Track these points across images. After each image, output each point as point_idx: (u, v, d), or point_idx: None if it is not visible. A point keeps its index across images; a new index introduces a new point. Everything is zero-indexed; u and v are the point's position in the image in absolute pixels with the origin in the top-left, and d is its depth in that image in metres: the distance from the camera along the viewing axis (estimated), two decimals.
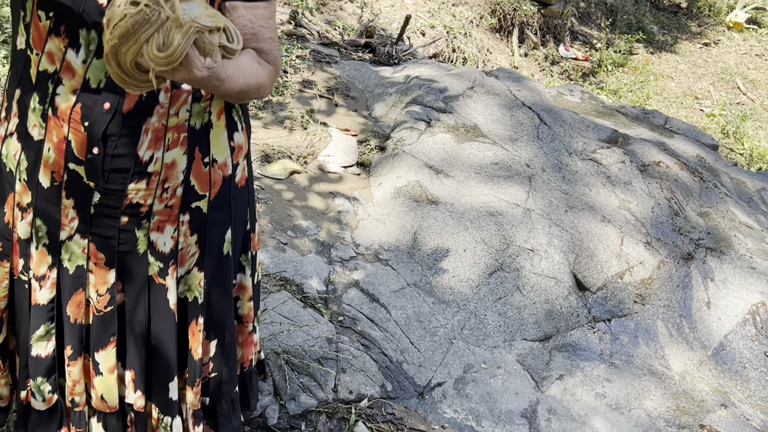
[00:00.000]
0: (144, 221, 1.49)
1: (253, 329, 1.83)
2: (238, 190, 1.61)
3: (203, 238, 1.57)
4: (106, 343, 1.55)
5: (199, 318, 1.63)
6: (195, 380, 1.68)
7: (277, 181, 3.45)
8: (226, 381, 1.76)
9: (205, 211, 1.54)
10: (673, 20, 9.36)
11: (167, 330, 1.59)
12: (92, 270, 1.50)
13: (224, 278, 1.66)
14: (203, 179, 1.52)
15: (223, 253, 1.63)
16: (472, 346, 2.90)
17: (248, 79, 1.39)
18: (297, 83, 4.35)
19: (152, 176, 1.45)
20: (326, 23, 5.71)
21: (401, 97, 4.26)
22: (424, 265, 3.09)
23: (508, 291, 3.07)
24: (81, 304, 1.53)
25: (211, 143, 1.50)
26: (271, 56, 1.50)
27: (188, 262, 1.58)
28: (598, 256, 3.30)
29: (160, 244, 1.53)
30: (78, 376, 1.57)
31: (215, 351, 1.71)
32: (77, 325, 1.54)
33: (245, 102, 1.52)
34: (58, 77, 1.36)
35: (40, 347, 1.55)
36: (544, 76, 7.52)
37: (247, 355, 1.85)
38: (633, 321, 3.23)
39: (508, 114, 4.00)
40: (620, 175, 3.76)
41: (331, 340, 2.65)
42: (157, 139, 1.42)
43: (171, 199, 1.49)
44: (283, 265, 2.92)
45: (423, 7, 6.92)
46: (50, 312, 1.53)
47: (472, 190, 3.41)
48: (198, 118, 1.47)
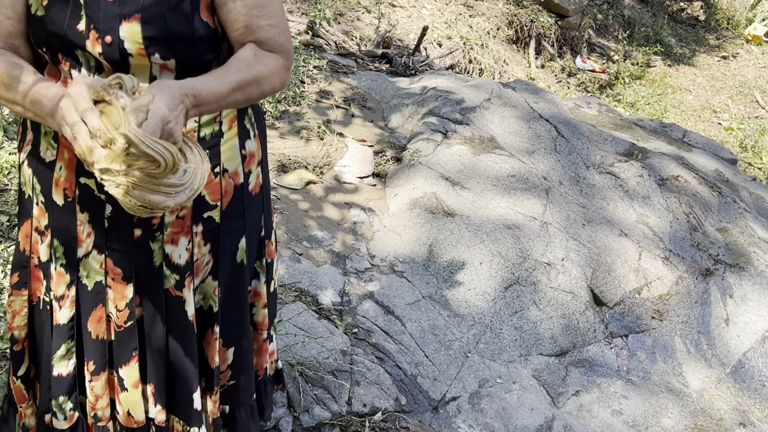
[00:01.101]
0: (157, 233, 1.49)
1: (268, 338, 1.82)
2: (252, 198, 1.60)
3: (216, 248, 1.57)
4: (128, 359, 1.55)
5: (215, 327, 1.63)
6: (213, 389, 1.67)
7: (293, 191, 3.45)
8: (244, 388, 1.76)
9: (217, 220, 1.54)
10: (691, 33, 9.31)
11: (188, 342, 1.59)
12: (110, 285, 1.51)
13: (239, 286, 1.66)
14: (214, 189, 1.51)
15: (237, 261, 1.62)
16: (488, 361, 2.87)
17: (232, 85, 1.33)
18: (314, 93, 4.35)
19: None
20: (343, 33, 5.72)
21: (418, 108, 4.25)
22: (439, 277, 3.07)
23: (525, 305, 3.04)
24: (102, 319, 1.53)
25: (221, 153, 1.50)
26: (273, 44, 1.43)
27: (203, 272, 1.58)
28: (616, 270, 3.27)
29: (176, 256, 1.52)
30: (101, 391, 1.57)
31: (233, 358, 1.70)
32: (99, 341, 1.54)
33: (255, 103, 1.48)
34: None
35: (61, 366, 1.55)
36: (561, 88, 7.49)
37: (261, 364, 1.85)
38: (650, 337, 3.19)
39: (526, 126, 3.98)
40: (638, 189, 3.73)
41: (346, 352, 2.64)
42: None
43: (182, 210, 1.49)
44: (299, 276, 2.91)
45: (440, 18, 6.92)
46: (70, 330, 1.53)
47: (489, 203, 3.39)
48: (208, 128, 1.46)
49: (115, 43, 1.32)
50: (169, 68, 1.38)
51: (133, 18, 1.31)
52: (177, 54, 1.35)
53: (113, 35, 1.31)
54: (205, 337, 1.65)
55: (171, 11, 1.32)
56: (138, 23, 1.31)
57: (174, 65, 1.37)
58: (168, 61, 1.35)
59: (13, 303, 1.58)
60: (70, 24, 1.33)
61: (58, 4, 1.33)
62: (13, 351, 1.61)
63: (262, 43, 1.40)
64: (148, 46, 1.32)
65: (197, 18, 1.36)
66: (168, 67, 1.37)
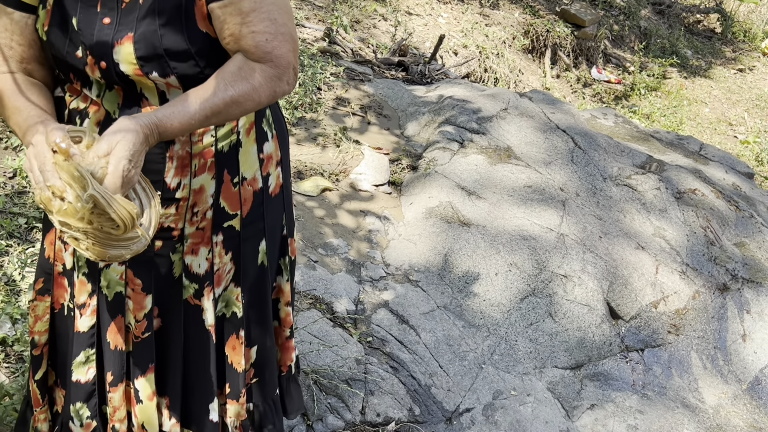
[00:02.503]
0: (178, 245, 1.49)
1: (290, 334, 1.82)
2: (272, 200, 1.59)
3: (238, 255, 1.56)
4: (144, 370, 1.55)
5: (240, 332, 1.63)
6: (239, 393, 1.67)
7: (308, 198, 3.44)
8: (268, 383, 1.75)
9: (237, 228, 1.53)
10: (707, 45, 9.27)
11: (205, 352, 1.58)
12: (130, 296, 1.50)
13: (262, 288, 1.66)
14: (233, 200, 1.50)
15: (258, 264, 1.62)
16: (502, 372, 2.85)
17: (205, 112, 1.29)
18: (330, 100, 4.35)
19: (180, 202, 1.44)
20: (360, 41, 5.72)
21: (434, 116, 4.25)
22: (454, 287, 3.06)
23: (540, 317, 3.02)
24: (121, 330, 1.52)
25: (240, 162, 1.48)
26: (260, 52, 1.32)
27: (225, 280, 1.58)
28: (633, 284, 3.24)
29: (195, 266, 1.52)
30: (119, 403, 1.57)
31: (256, 356, 1.71)
32: (117, 351, 1.53)
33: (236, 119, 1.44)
34: (86, 111, 1.39)
35: (80, 373, 1.55)
36: (576, 98, 7.47)
37: (285, 360, 1.85)
38: (667, 352, 3.17)
39: (542, 137, 3.96)
40: (655, 202, 3.71)
41: (360, 361, 2.62)
42: (183, 166, 1.41)
43: (202, 222, 1.49)
44: (314, 283, 2.90)
45: (456, 26, 6.92)
46: (91, 338, 1.53)
47: (505, 213, 3.37)
48: (225, 140, 1.45)
49: (110, 67, 1.30)
50: (174, 85, 1.34)
51: (125, 39, 1.28)
52: (176, 71, 1.32)
53: (107, 60, 1.29)
54: (230, 343, 1.64)
55: (164, 27, 1.29)
56: (130, 43, 1.28)
57: (177, 82, 1.33)
58: (168, 79, 1.32)
59: (37, 308, 1.58)
60: (69, 50, 1.33)
61: (55, 30, 1.33)
62: (32, 355, 1.61)
63: (249, 52, 1.33)
64: (143, 66, 1.29)
65: (194, 30, 1.32)
66: (172, 84, 1.34)
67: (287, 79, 1.36)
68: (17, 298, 2.46)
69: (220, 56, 1.37)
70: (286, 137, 1.63)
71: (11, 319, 2.36)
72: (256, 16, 1.31)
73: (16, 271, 2.52)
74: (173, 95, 1.35)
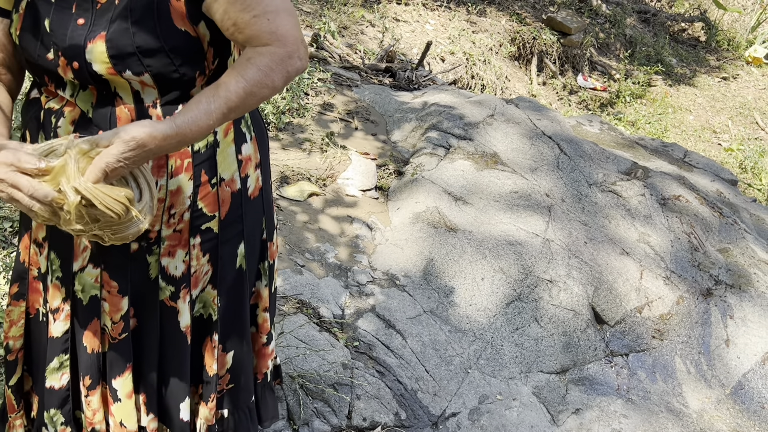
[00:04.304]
0: (154, 247, 1.48)
1: (268, 340, 1.81)
2: (251, 202, 1.58)
3: (215, 257, 1.55)
4: (122, 370, 1.54)
5: (213, 335, 1.61)
6: (210, 396, 1.66)
7: (295, 203, 3.44)
8: (242, 389, 1.74)
9: (216, 230, 1.52)
10: (692, 53, 9.36)
11: (179, 352, 1.57)
12: (106, 298, 1.49)
13: (239, 291, 1.64)
14: (211, 201, 1.49)
15: (237, 267, 1.61)
16: (488, 377, 2.86)
17: (221, 110, 1.27)
18: (317, 106, 4.36)
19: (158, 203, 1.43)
20: (347, 47, 5.74)
21: (421, 122, 4.26)
22: (441, 292, 3.07)
23: (526, 322, 3.04)
24: (96, 333, 1.51)
25: (218, 163, 1.47)
26: (264, 36, 1.29)
27: (202, 281, 1.57)
28: (617, 289, 3.27)
29: (171, 268, 1.51)
30: (98, 405, 1.56)
31: (232, 363, 1.70)
32: (94, 354, 1.52)
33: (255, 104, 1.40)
34: (61, 111, 1.38)
35: (54, 379, 1.54)
36: (562, 106, 7.51)
37: (261, 367, 1.83)
38: (651, 356, 3.19)
39: (528, 143, 3.98)
40: (640, 208, 3.73)
41: (347, 365, 2.63)
42: (159, 166, 1.39)
43: (179, 224, 1.47)
44: (300, 288, 2.90)
45: (443, 33, 6.95)
46: (65, 344, 1.52)
47: (491, 219, 3.39)
48: (201, 140, 1.43)
49: (83, 67, 1.29)
50: (148, 84, 1.33)
51: (97, 38, 1.27)
52: (150, 69, 1.30)
53: (79, 60, 1.29)
54: (204, 345, 1.63)
55: (136, 24, 1.27)
56: (102, 42, 1.27)
57: (151, 81, 1.32)
58: (142, 77, 1.31)
59: (11, 313, 1.56)
60: (40, 53, 1.32)
61: (27, 34, 1.33)
62: (7, 360, 1.59)
63: (254, 38, 1.29)
64: (115, 64, 1.28)
65: (168, 28, 1.30)
66: (146, 83, 1.32)
67: (298, 55, 1.31)
68: (0, 302, 2.44)
69: (197, 56, 1.35)
70: (265, 140, 1.61)
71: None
72: (254, 0, 1.28)
73: (0, 275, 2.51)
74: (147, 94, 1.34)
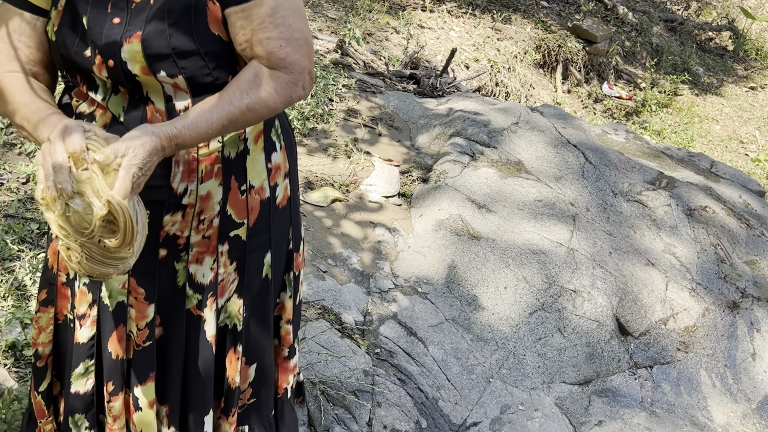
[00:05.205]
0: (183, 254, 1.47)
1: (290, 354, 1.78)
2: (279, 211, 1.57)
3: (242, 265, 1.54)
4: (145, 379, 1.53)
5: (237, 346, 1.60)
6: (231, 410, 1.65)
7: (318, 208, 3.45)
8: (263, 404, 1.73)
9: (244, 238, 1.51)
10: (719, 63, 9.26)
11: (204, 363, 1.56)
12: (132, 305, 1.49)
13: (264, 302, 1.63)
14: (240, 208, 1.48)
15: (263, 276, 1.60)
16: (510, 387, 2.84)
17: (222, 121, 1.28)
18: (342, 112, 4.37)
19: (187, 208, 1.42)
20: (372, 53, 5.74)
21: (445, 129, 4.25)
22: (463, 300, 3.05)
23: (549, 332, 3.01)
24: (122, 339, 1.51)
25: (248, 170, 1.47)
26: (275, 59, 1.32)
27: (228, 290, 1.56)
28: (642, 300, 3.23)
29: (199, 275, 1.50)
30: (119, 412, 1.55)
31: (254, 376, 1.68)
32: (119, 360, 1.52)
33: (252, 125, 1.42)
34: (92, 114, 1.38)
35: (79, 384, 1.54)
36: (587, 114, 7.47)
37: (282, 381, 1.80)
38: (676, 369, 3.15)
39: (553, 151, 3.96)
40: (666, 219, 3.70)
41: (368, 372, 2.62)
42: (189, 171, 1.39)
43: (208, 230, 1.47)
44: (322, 294, 2.90)
45: (468, 40, 6.94)
46: (90, 350, 1.52)
47: (515, 227, 3.37)
48: (232, 147, 1.43)
49: (118, 66, 1.30)
50: (181, 87, 1.33)
51: (133, 38, 1.28)
52: (185, 71, 1.31)
53: (115, 59, 1.29)
54: (228, 357, 1.62)
55: (173, 26, 1.28)
56: (138, 42, 1.28)
57: (185, 84, 1.33)
58: (176, 79, 1.31)
59: (40, 319, 1.57)
60: (78, 50, 1.33)
61: (65, 29, 1.33)
62: (36, 366, 1.60)
63: (263, 59, 1.32)
64: (151, 64, 1.29)
65: (204, 31, 1.31)
66: (179, 86, 1.33)
67: (302, 84, 1.35)
68: (27, 303, 2.47)
69: (231, 59, 1.36)
70: (294, 150, 1.61)
71: (21, 324, 2.37)
72: (271, 22, 1.30)
73: (27, 276, 2.53)
74: (179, 98, 1.35)
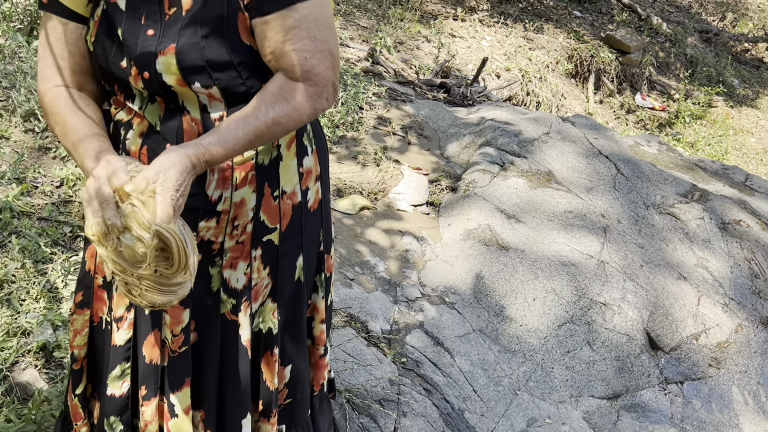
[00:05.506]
0: (217, 258, 1.49)
1: (324, 352, 1.80)
2: (310, 215, 1.59)
3: (275, 270, 1.56)
4: (180, 384, 1.54)
5: (274, 349, 1.62)
6: (271, 411, 1.66)
7: (346, 215, 3.45)
8: (299, 404, 1.74)
9: (276, 243, 1.53)
10: (755, 74, 9.12)
11: (240, 367, 1.57)
12: (167, 310, 1.50)
13: (297, 304, 1.65)
14: (273, 213, 1.50)
15: (295, 279, 1.61)
16: (537, 399, 2.81)
17: (248, 137, 1.30)
18: (372, 120, 4.37)
19: (221, 215, 1.44)
20: (403, 62, 5.75)
21: (475, 138, 4.24)
22: (491, 311, 3.03)
23: (578, 344, 2.98)
24: (157, 344, 1.52)
25: (280, 176, 1.48)
26: (300, 70, 1.32)
27: (262, 294, 1.57)
28: (674, 314, 3.18)
29: (233, 280, 1.52)
30: (150, 417, 1.56)
31: (290, 377, 1.69)
32: (152, 365, 1.53)
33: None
34: (130, 122, 1.40)
35: (114, 387, 1.55)
36: (619, 125, 7.39)
37: (318, 379, 1.83)
38: (707, 385, 3.09)
39: (585, 162, 3.92)
40: (699, 232, 3.64)
41: (394, 381, 2.61)
42: (224, 178, 1.41)
43: (242, 236, 1.48)
44: (349, 301, 2.90)
45: (499, 50, 6.92)
46: (126, 352, 1.53)
47: (545, 238, 3.34)
48: (266, 154, 1.45)
49: (153, 77, 1.31)
50: (216, 97, 1.35)
51: (168, 50, 1.29)
52: (218, 82, 1.32)
53: (150, 70, 1.31)
54: (264, 360, 1.63)
55: (206, 38, 1.29)
56: (173, 54, 1.29)
57: (219, 94, 1.34)
58: (210, 90, 1.33)
59: (75, 322, 1.58)
60: (114, 61, 1.34)
61: (102, 40, 1.35)
62: (73, 369, 1.62)
63: (289, 71, 1.33)
64: (186, 76, 1.30)
65: (237, 42, 1.32)
66: (214, 96, 1.34)
67: (326, 96, 1.37)
68: (59, 306, 2.50)
69: (263, 68, 1.37)
70: (325, 153, 1.63)
71: (53, 326, 2.40)
72: (296, 34, 1.31)
73: (59, 278, 2.57)
74: (214, 108, 1.36)
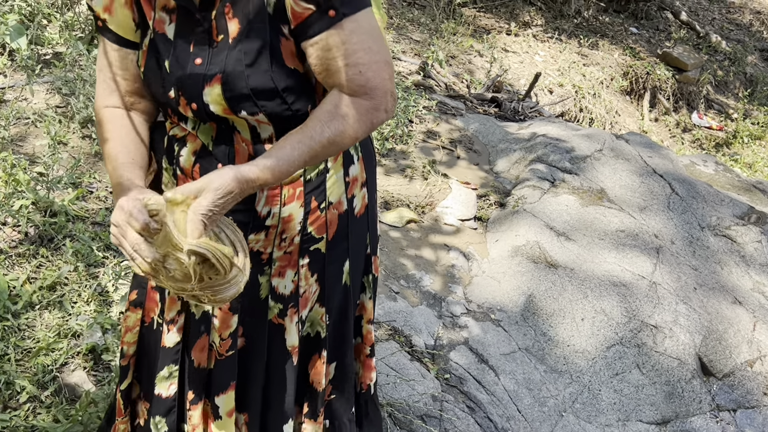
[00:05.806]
0: (266, 267, 1.51)
1: (371, 352, 1.82)
2: (357, 220, 1.59)
3: (323, 277, 1.58)
4: (226, 387, 1.56)
5: (322, 352, 1.64)
6: (317, 412, 1.68)
7: (393, 228, 3.44)
8: (345, 401, 1.75)
9: (323, 251, 1.55)
10: None
11: (285, 372, 1.59)
12: (216, 315, 1.52)
13: (345, 307, 1.66)
14: (320, 225, 1.51)
15: (342, 284, 1.63)
16: (583, 422, 2.74)
17: (303, 158, 1.30)
18: (421, 133, 4.36)
19: (270, 228, 1.46)
20: (454, 76, 5.73)
21: (525, 154, 4.19)
22: (537, 330, 2.98)
23: (627, 367, 2.90)
24: (204, 348, 1.55)
25: (327, 189, 1.49)
26: (354, 86, 1.30)
27: (311, 301, 1.59)
28: (728, 340, 3.08)
29: (281, 287, 1.54)
30: (198, 421, 1.58)
31: (334, 373, 1.71)
32: (200, 369, 1.56)
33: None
34: (184, 139, 1.43)
35: (162, 387, 1.58)
36: (675, 144, 7.24)
37: (366, 378, 1.84)
38: (761, 414, 2.98)
39: (638, 180, 3.84)
40: (756, 256, 3.52)
41: (436, 397, 2.58)
42: (273, 195, 1.43)
43: (289, 247, 1.50)
44: (394, 315, 2.88)
45: (553, 65, 6.85)
46: (175, 355, 1.56)
47: (595, 257, 3.27)
48: (312, 169, 1.46)
49: (201, 108, 1.33)
50: (263, 121, 1.36)
51: (214, 80, 1.30)
52: (264, 108, 1.33)
53: (197, 102, 1.32)
54: (312, 363, 1.65)
55: (250, 66, 1.30)
56: (219, 85, 1.30)
57: (266, 119, 1.35)
58: (257, 116, 1.34)
59: (128, 319, 1.62)
60: (162, 91, 1.38)
61: (150, 71, 1.38)
62: (120, 365, 1.65)
63: (344, 86, 1.31)
64: (232, 106, 1.32)
65: (281, 68, 1.32)
66: (261, 120, 1.35)
67: (385, 107, 1.34)
68: (109, 309, 2.54)
69: (307, 91, 1.38)
70: (372, 157, 1.62)
71: (102, 329, 2.44)
72: (348, 49, 1.29)
73: (110, 282, 2.61)
74: (264, 130, 1.38)
